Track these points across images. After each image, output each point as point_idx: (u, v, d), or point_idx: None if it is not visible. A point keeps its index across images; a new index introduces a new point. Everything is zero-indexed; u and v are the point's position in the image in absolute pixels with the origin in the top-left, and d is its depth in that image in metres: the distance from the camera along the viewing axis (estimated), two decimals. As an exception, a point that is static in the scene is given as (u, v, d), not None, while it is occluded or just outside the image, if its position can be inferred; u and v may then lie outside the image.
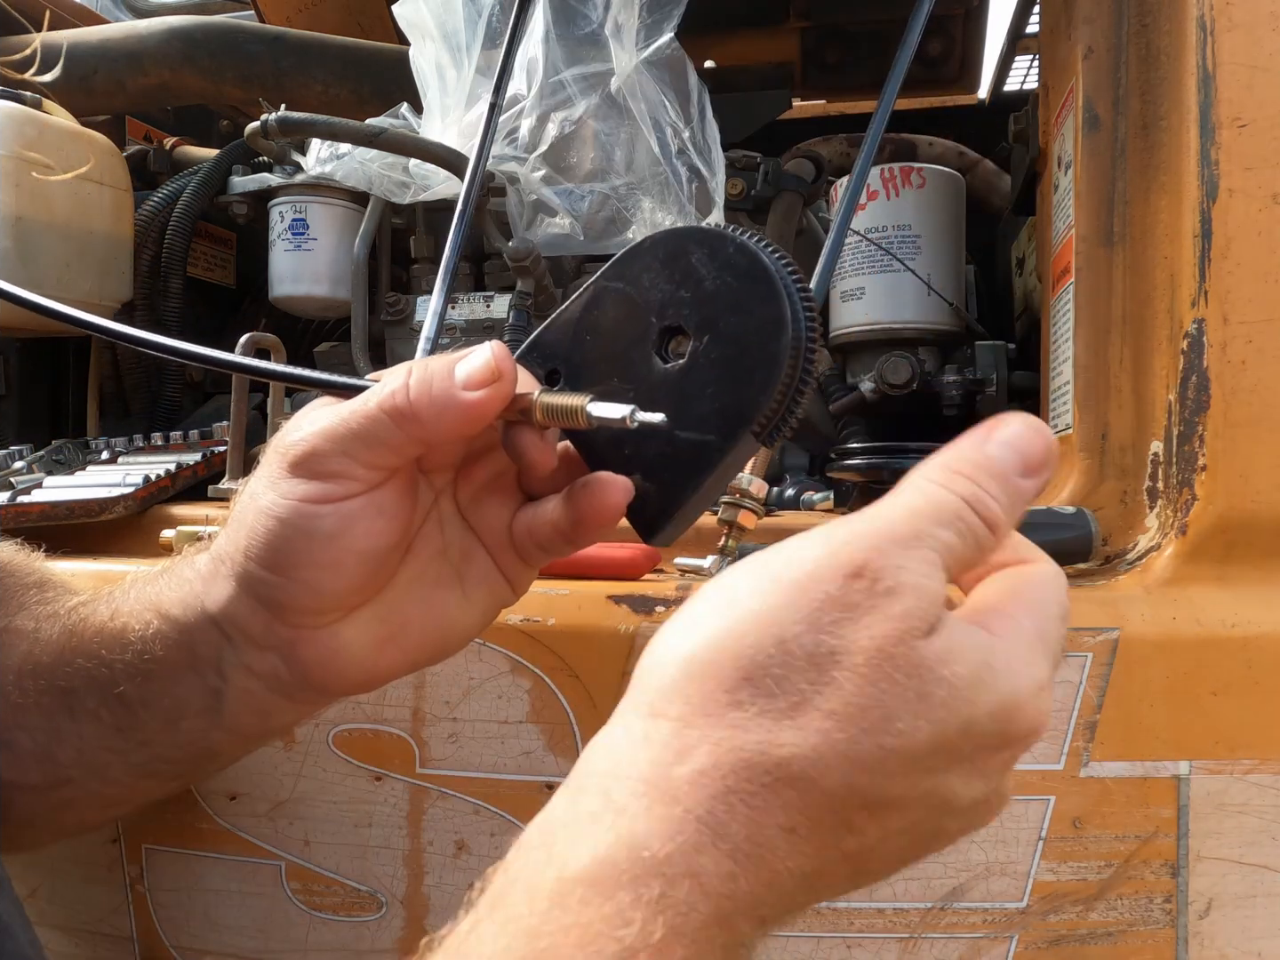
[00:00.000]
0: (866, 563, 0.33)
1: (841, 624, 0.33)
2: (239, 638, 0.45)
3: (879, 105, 0.46)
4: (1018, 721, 0.34)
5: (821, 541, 0.35)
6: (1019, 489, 0.37)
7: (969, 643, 0.34)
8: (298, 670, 0.46)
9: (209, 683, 0.46)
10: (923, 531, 0.35)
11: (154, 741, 0.48)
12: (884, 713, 0.32)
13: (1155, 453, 0.63)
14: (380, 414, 0.42)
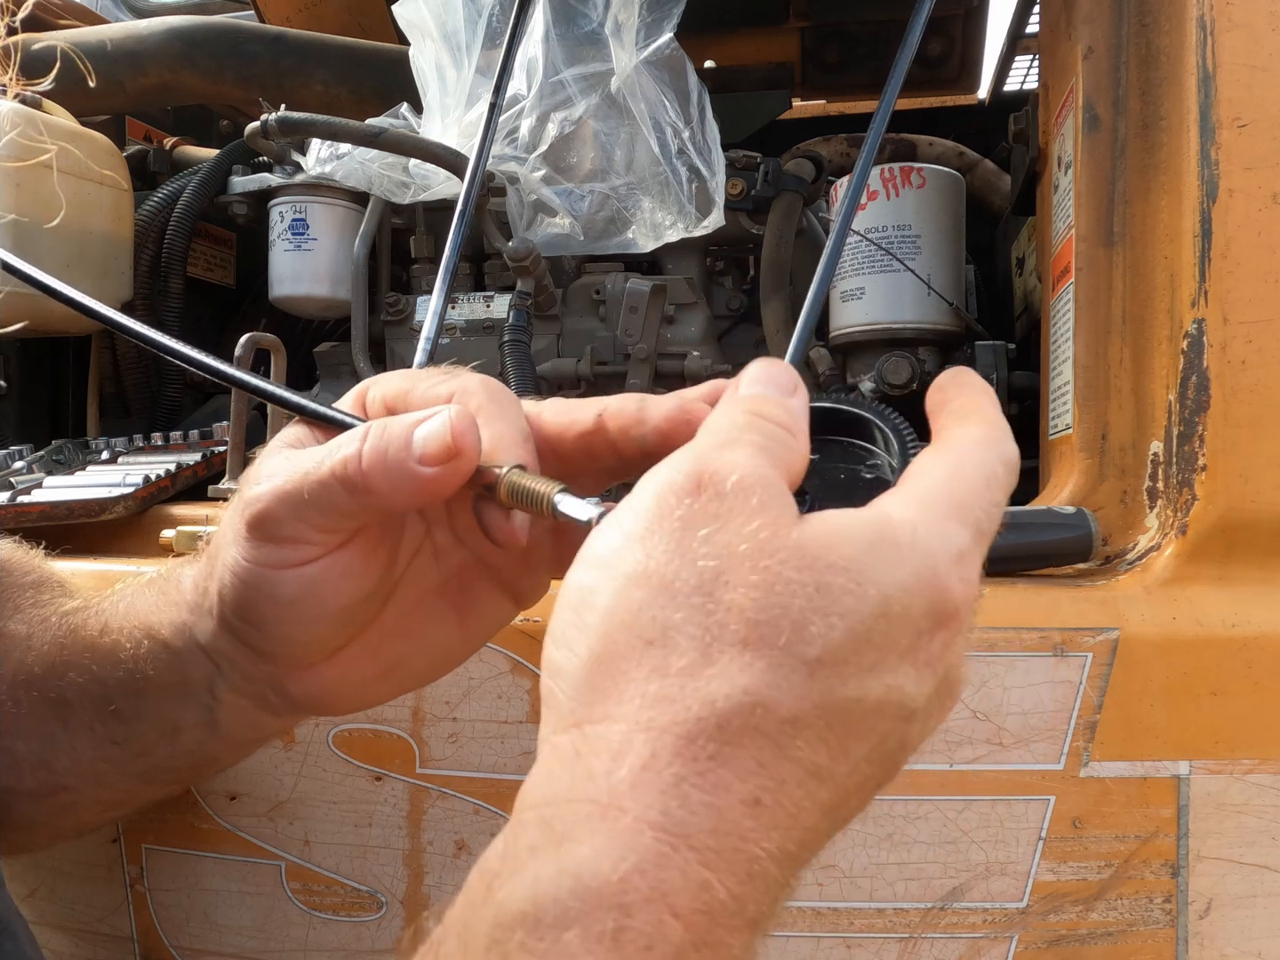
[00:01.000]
0: (700, 471, 0.31)
1: (710, 540, 0.30)
2: (227, 667, 0.45)
3: (880, 105, 0.46)
4: (942, 594, 0.31)
5: (649, 479, 0.33)
6: (789, 404, 0.35)
7: (850, 519, 0.32)
8: (286, 700, 0.45)
9: (202, 701, 0.46)
10: (733, 436, 0.33)
11: (150, 752, 0.48)
12: (792, 620, 0.29)
13: (1155, 453, 0.63)
14: (333, 480, 0.38)
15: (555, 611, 0.33)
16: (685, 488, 0.31)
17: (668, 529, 0.31)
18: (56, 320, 1.02)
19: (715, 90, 0.94)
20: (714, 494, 0.31)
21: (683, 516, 0.31)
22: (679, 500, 0.31)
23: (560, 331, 1.00)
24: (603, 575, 0.31)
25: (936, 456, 0.35)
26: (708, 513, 0.31)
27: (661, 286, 0.95)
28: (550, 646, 0.32)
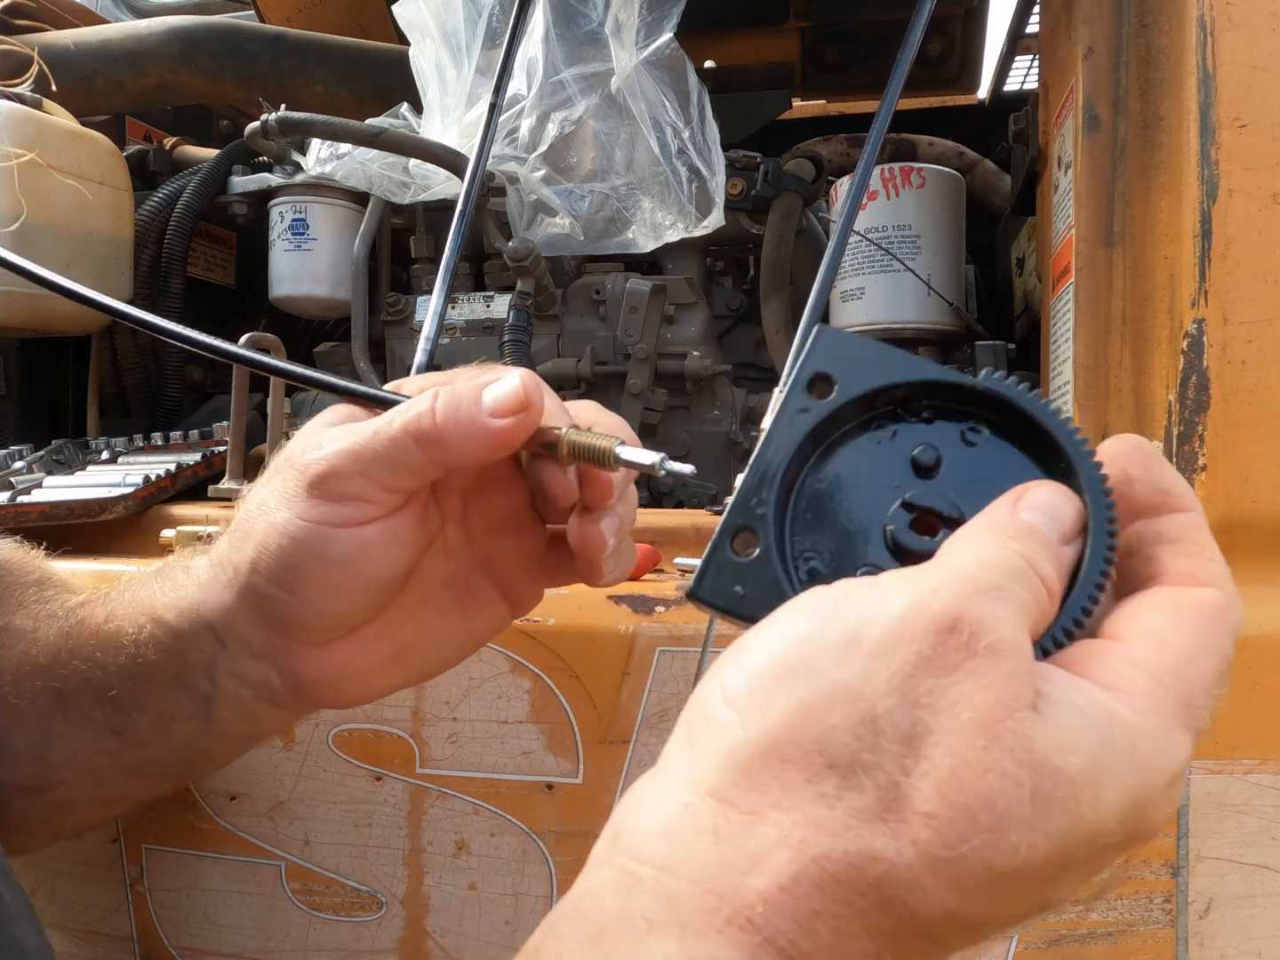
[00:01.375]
0: (961, 614, 0.29)
1: (938, 692, 0.28)
2: (235, 646, 0.45)
3: (881, 106, 0.46)
4: (1146, 822, 0.29)
5: (903, 588, 0.30)
6: (1061, 556, 0.33)
7: (1085, 719, 0.29)
8: (291, 683, 0.46)
9: (200, 688, 0.46)
10: (1004, 584, 0.30)
11: (147, 744, 0.48)
12: (993, 820, 0.27)
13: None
14: (405, 436, 0.41)
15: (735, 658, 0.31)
16: (939, 624, 0.29)
17: (900, 656, 0.29)
18: (57, 320, 1.02)
19: (715, 90, 0.94)
20: (963, 644, 0.28)
21: (921, 652, 0.28)
22: (925, 634, 0.29)
23: (560, 331, 1.00)
24: (811, 664, 0.29)
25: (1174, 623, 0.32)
26: (950, 662, 0.28)
27: (661, 286, 0.95)
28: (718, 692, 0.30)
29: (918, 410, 0.37)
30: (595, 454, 0.41)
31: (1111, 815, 0.28)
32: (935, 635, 0.29)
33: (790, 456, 0.36)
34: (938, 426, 0.37)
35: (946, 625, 0.29)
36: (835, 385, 0.37)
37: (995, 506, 0.33)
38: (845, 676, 0.29)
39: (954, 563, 0.31)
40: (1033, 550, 0.31)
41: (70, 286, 0.48)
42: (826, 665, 0.29)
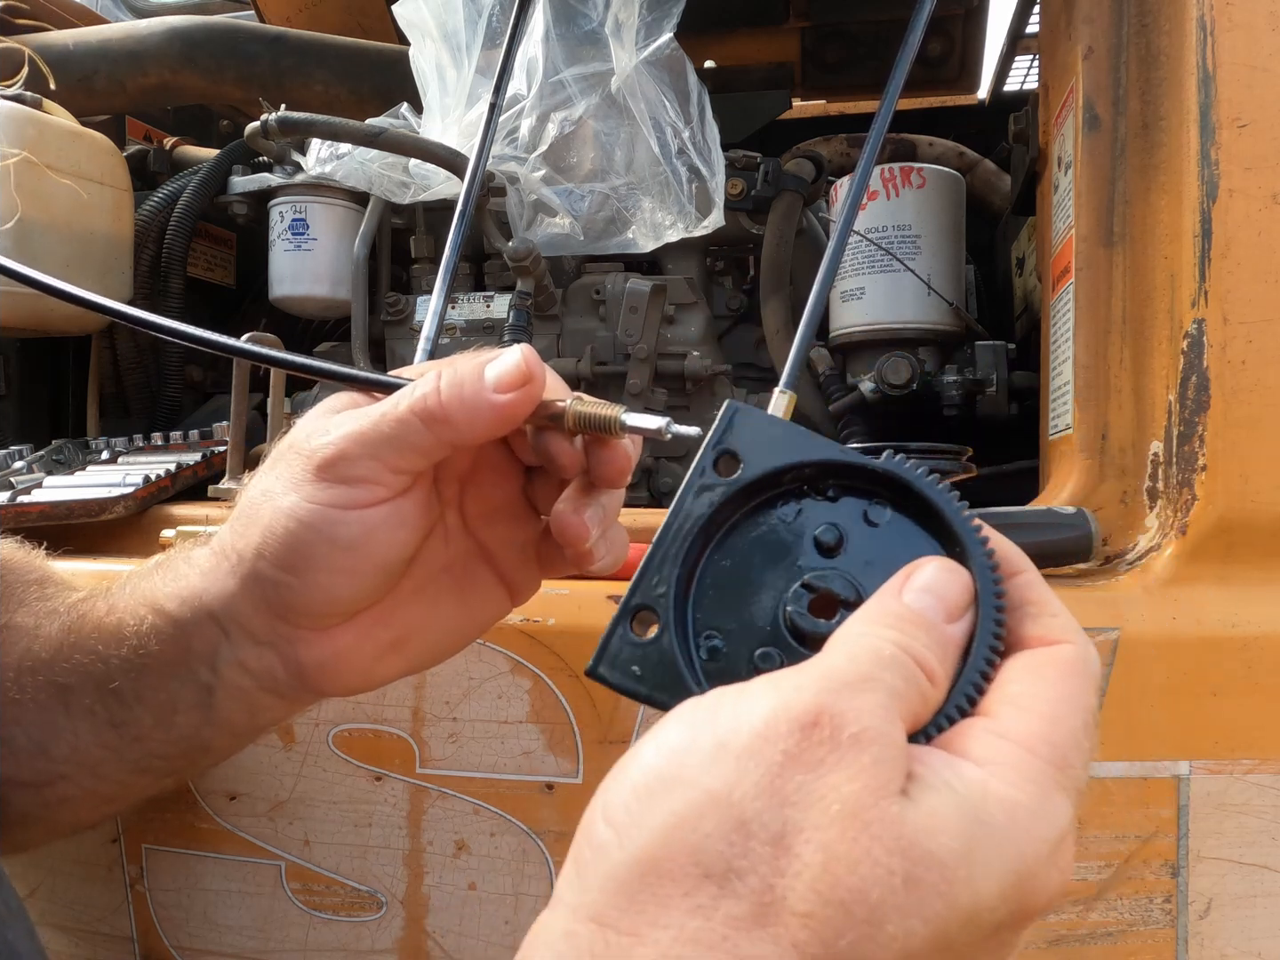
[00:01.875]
0: (822, 708, 0.29)
1: (805, 788, 0.28)
2: (237, 633, 0.46)
3: (881, 106, 0.45)
4: (1035, 895, 0.29)
5: (768, 692, 0.30)
6: (946, 636, 0.33)
7: (957, 798, 0.29)
8: (293, 669, 0.46)
9: (201, 678, 0.46)
10: (872, 675, 0.30)
11: (147, 737, 0.48)
12: (868, 912, 0.27)
13: (1155, 453, 0.63)
14: (411, 416, 0.41)
15: (616, 775, 0.31)
16: (801, 720, 0.29)
17: (765, 760, 0.28)
18: (56, 320, 1.02)
19: (715, 90, 0.94)
20: (829, 738, 0.29)
21: (786, 751, 0.29)
22: (789, 731, 0.29)
23: (560, 331, 1.00)
24: (683, 775, 0.29)
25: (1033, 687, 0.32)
26: (814, 758, 0.28)
27: (661, 286, 0.95)
28: (599, 812, 0.30)
29: (823, 488, 0.38)
30: (601, 422, 0.41)
31: (991, 892, 0.28)
32: (799, 733, 0.29)
33: (693, 535, 0.37)
34: (842, 504, 0.38)
35: (809, 721, 0.29)
36: (741, 463, 0.38)
37: (881, 593, 0.34)
38: (715, 784, 0.29)
39: (824, 660, 0.31)
40: (909, 637, 0.32)
41: (67, 289, 0.48)
42: (698, 774, 0.29)
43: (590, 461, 0.44)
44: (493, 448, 0.47)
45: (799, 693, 0.30)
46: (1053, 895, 0.29)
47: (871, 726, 0.29)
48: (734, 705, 0.30)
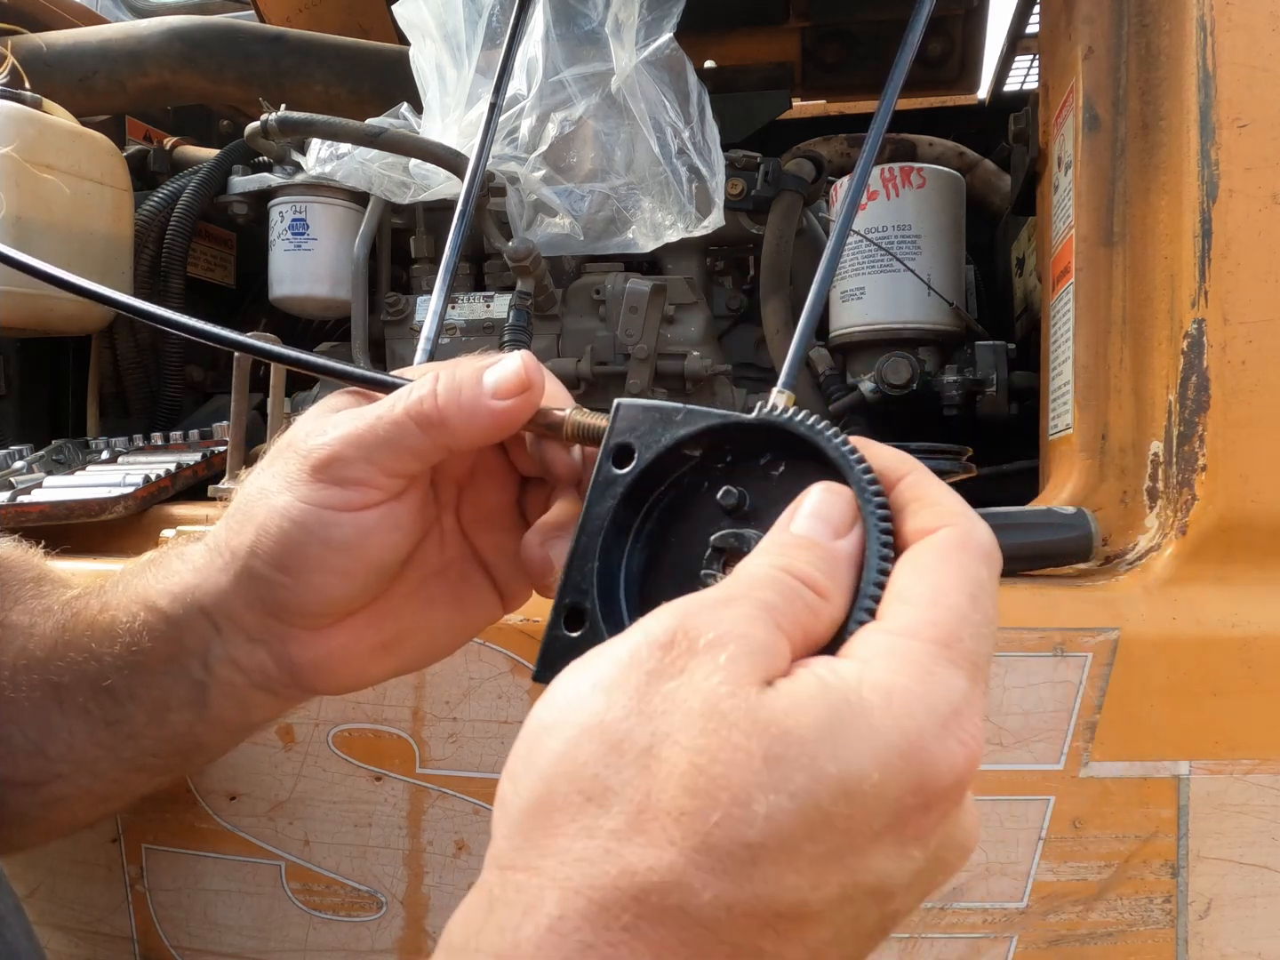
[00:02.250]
0: (679, 626, 0.30)
1: (668, 697, 0.29)
2: (230, 630, 0.45)
3: (880, 106, 0.46)
4: (929, 768, 0.28)
5: (633, 630, 0.31)
6: (833, 551, 0.33)
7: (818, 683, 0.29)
8: (285, 667, 0.46)
9: (194, 675, 0.46)
10: (736, 594, 0.31)
11: (141, 735, 0.48)
12: (733, 794, 0.27)
13: (1155, 453, 0.63)
14: (407, 420, 0.41)
15: (516, 742, 0.32)
16: (660, 640, 0.30)
17: (632, 683, 0.30)
18: (56, 320, 1.02)
19: (715, 90, 0.94)
20: (686, 649, 0.30)
21: (650, 670, 0.30)
22: (650, 652, 0.30)
23: (560, 331, 1.00)
24: (560, 718, 0.30)
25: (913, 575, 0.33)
26: (675, 668, 0.29)
27: (661, 286, 0.95)
28: (503, 778, 0.31)
29: (721, 458, 0.39)
30: (599, 435, 0.41)
31: (863, 765, 0.28)
32: (659, 651, 0.30)
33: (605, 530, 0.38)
34: (740, 467, 0.38)
35: (667, 640, 0.30)
36: (635, 453, 0.39)
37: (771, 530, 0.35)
38: (588, 717, 0.30)
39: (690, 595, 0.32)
40: (790, 558, 0.33)
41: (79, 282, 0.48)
42: (573, 713, 0.30)
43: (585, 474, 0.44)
44: (492, 454, 0.47)
45: (658, 620, 0.31)
46: (958, 768, 0.29)
47: (729, 631, 0.30)
48: (605, 649, 0.32)
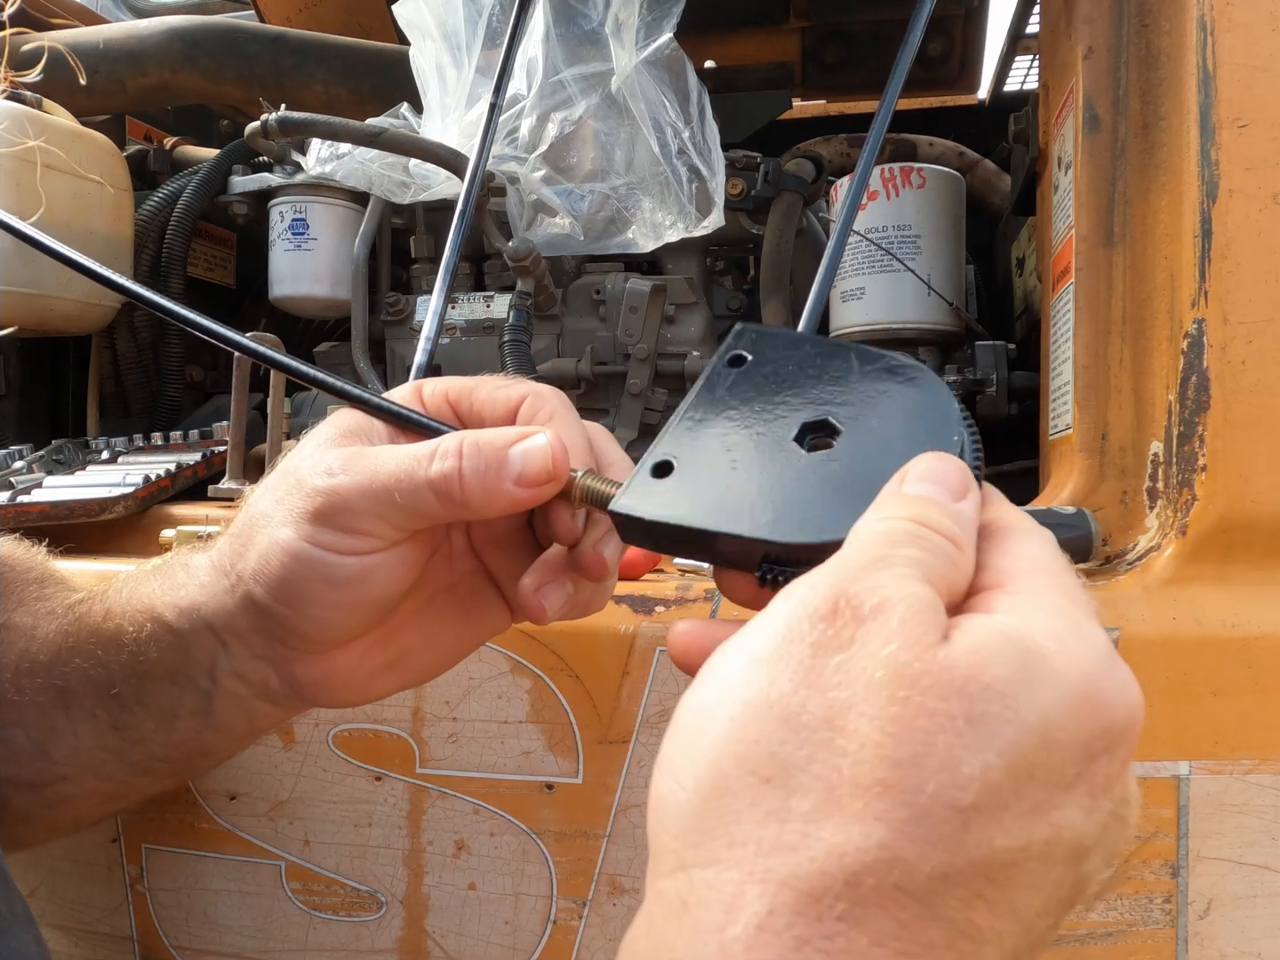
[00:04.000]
0: (838, 595, 0.29)
1: (843, 669, 0.27)
2: (235, 647, 0.45)
3: (881, 106, 0.46)
4: (1109, 708, 0.28)
5: (783, 601, 0.30)
6: (959, 511, 0.32)
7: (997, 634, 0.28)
8: (289, 683, 0.46)
9: (200, 686, 0.46)
10: (884, 554, 0.30)
11: (149, 740, 0.48)
12: (940, 760, 0.26)
13: (1155, 453, 0.63)
14: (428, 491, 0.40)
15: (669, 735, 0.30)
16: (820, 611, 0.29)
17: (797, 654, 0.28)
18: (56, 320, 1.02)
19: (715, 90, 0.94)
20: (851, 618, 0.28)
21: (815, 642, 0.28)
22: (812, 625, 0.28)
23: (560, 331, 1.00)
24: (720, 698, 0.29)
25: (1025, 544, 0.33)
26: (843, 638, 0.28)
27: (661, 286, 0.95)
28: (657, 775, 0.30)
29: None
30: (607, 500, 0.40)
31: (1059, 710, 0.27)
32: (822, 623, 0.28)
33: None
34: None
35: (829, 611, 0.28)
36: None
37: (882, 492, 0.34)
38: (751, 694, 0.28)
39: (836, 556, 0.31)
40: (921, 511, 0.31)
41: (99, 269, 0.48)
42: (734, 692, 0.29)
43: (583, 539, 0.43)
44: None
45: (813, 590, 0.29)
46: (1132, 707, 0.28)
47: (892, 594, 0.28)
48: (756, 624, 0.30)
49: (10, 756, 0.48)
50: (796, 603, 0.29)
